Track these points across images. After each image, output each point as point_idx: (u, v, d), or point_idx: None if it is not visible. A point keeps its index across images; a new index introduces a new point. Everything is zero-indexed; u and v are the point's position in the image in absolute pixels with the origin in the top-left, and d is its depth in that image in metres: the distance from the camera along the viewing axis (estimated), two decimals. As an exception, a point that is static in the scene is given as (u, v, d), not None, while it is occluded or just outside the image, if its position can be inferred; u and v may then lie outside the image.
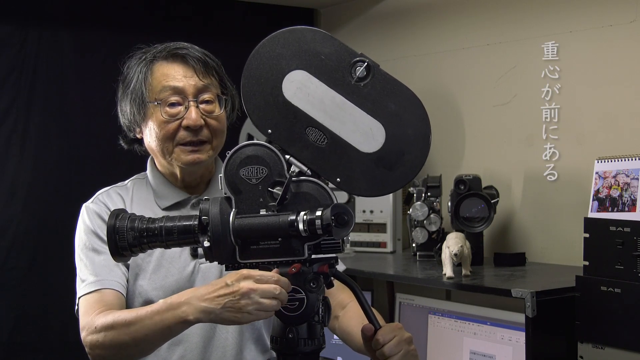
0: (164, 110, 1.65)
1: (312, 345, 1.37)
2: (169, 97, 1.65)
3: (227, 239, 1.32)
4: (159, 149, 1.69)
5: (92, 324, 1.55)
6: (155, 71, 1.68)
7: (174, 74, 1.67)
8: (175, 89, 1.65)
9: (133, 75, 1.70)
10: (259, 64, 1.36)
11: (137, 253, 1.40)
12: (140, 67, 1.70)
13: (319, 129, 1.35)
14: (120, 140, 1.81)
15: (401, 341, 1.42)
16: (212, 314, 1.36)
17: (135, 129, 1.74)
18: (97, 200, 1.76)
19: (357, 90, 1.34)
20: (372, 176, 1.35)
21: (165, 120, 1.65)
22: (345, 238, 1.35)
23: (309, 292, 1.34)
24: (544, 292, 2.02)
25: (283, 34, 1.37)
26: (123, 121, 1.75)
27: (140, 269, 1.68)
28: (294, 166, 1.35)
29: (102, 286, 1.63)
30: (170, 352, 1.68)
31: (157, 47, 1.73)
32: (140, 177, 1.82)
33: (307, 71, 1.35)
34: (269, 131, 1.36)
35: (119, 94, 1.75)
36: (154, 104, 1.66)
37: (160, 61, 1.69)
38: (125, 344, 1.49)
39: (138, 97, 1.68)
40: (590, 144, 2.44)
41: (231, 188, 1.34)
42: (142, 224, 1.37)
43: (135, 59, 1.74)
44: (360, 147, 1.35)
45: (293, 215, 1.30)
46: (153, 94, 1.67)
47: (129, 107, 1.71)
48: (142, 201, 1.75)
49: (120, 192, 1.77)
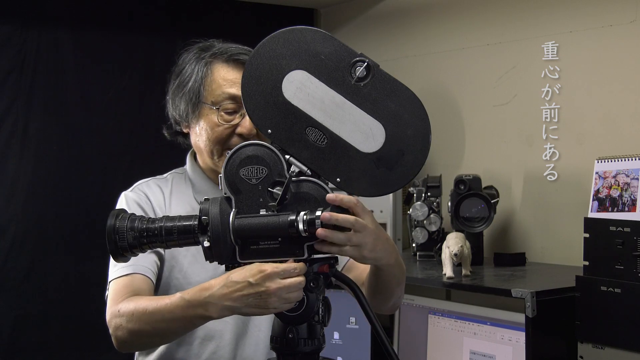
0: (220, 116, 1.65)
1: (312, 345, 1.37)
2: (227, 104, 1.65)
3: (227, 239, 1.32)
4: (207, 149, 1.69)
5: (116, 308, 1.55)
6: (214, 73, 1.67)
7: (233, 79, 1.66)
8: (235, 97, 1.65)
9: (191, 72, 1.69)
10: (259, 63, 1.36)
11: (137, 253, 1.40)
12: (199, 67, 1.68)
13: (318, 129, 1.35)
14: (164, 130, 1.79)
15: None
16: (235, 310, 1.37)
17: (183, 124, 1.73)
18: (136, 189, 1.75)
19: (357, 90, 1.34)
20: (372, 176, 1.35)
21: (219, 125, 1.65)
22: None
23: (308, 292, 1.34)
24: (544, 292, 2.03)
25: (283, 34, 1.37)
26: (172, 114, 1.74)
27: (176, 262, 1.69)
28: (294, 166, 1.35)
29: (133, 270, 1.62)
30: (202, 348, 1.68)
31: (216, 45, 1.71)
32: (179, 171, 1.81)
33: (307, 71, 1.35)
34: (269, 131, 1.36)
35: (171, 85, 1.73)
36: (209, 106, 1.66)
37: (220, 63, 1.68)
38: (147, 332, 1.50)
39: (195, 95, 1.67)
40: (590, 144, 2.44)
41: (231, 188, 1.34)
42: (141, 224, 1.37)
43: (192, 54, 1.72)
44: (360, 147, 1.35)
45: (293, 215, 1.30)
46: (210, 96, 1.66)
47: (183, 104, 1.70)
48: (181, 194, 1.75)
49: (160, 184, 1.76)
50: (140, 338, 1.52)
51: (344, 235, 1.32)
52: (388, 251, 1.44)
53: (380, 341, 1.38)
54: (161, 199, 1.73)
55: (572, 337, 1.99)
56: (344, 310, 2.64)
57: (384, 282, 1.56)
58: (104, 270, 1.70)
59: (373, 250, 1.38)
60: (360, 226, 1.34)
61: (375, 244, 1.38)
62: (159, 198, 1.72)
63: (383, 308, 1.68)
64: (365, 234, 1.35)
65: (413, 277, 2.35)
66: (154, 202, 1.71)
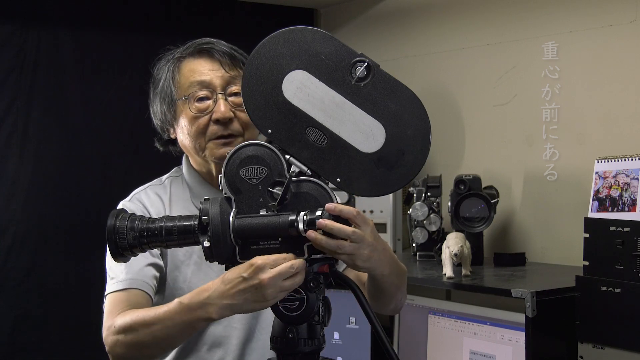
0: (193, 106, 1.64)
1: (312, 345, 1.37)
2: (196, 92, 1.65)
3: (227, 239, 1.32)
4: (192, 146, 1.68)
5: (112, 323, 1.54)
6: (182, 68, 1.68)
7: (200, 68, 1.66)
8: (203, 83, 1.64)
9: (161, 75, 1.70)
10: (259, 63, 1.36)
11: (137, 253, 1.40)
12: (168, 66, 1.69)
13: (319, 129, 1.35)
14: (156, 143, 1.79)
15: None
16: (236, 307, 1.37)
17: (169, 129, 1.73)
18: (134, 199, 1.73)
19: (357, 90, 1.34)
20: (372, 176, 1.35)
21: (195, 116, 1.65)
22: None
23: (308, 292, 1.34)
24: (544, 292, 2.03)
25: (283, 34, 1.37)
26: (156, 122, 1.75)
27: (179, 272, 1.68)
28: (294, 166, 1.35)
29: (130, 285, 1.61)
30: (210, 355, 1.68)
31: (184, 45, 1.72)
32: (175, 174, 1.80)
33: (307, 71, 1.35)
34: (269, 131, 1.36)
35: (150, 96, 1.74)
36: (182, 101, 1.65)
37: (187, 58, 1.69)
38: (146, 344, 1.48)
39: (167, 95, 1.68)
40: (590, 144, 2.44)
41: (231, 188, 1.34)
42: (142, 224, 1.37)
43: (163, 59, 1.73)
44: (360, 147, 1.35)
45: (293, 215, 1.30)
46: (181, 91, 1.66)
47: (159, 107, 1.70)
48: (180, 200, 1.74)
49: (158, 191, 1.75)
50: (140, 350, 1.50)
51: (334, 243, 1.31)
52: (383, 262, 1.43)
53: (381, 341, 1.38)
54: (160, 207, 1.71)
55: (572, 337, 1.99)
56: (344, 310, 2.64)
57: (381, 288, 1.55)
58: (103, 271, 1.69)
59: (367, 261, 1.37)
60: (358, 237, 1.33)
61: (370, 255, 1.37)
62: (158, 207, 1.71)
63: (384, 311, 1.68)
64: (361, 246, 1.34)
65: (413, 277, 2.35)
66: (153, 212, 1.70)
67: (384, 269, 1.44)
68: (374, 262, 1.39)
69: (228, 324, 1.68)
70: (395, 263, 1.53)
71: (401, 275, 1.59)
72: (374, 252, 1.37)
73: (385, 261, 1.44)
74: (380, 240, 1.42)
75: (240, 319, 1.68)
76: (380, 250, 1.40)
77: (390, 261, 1.47)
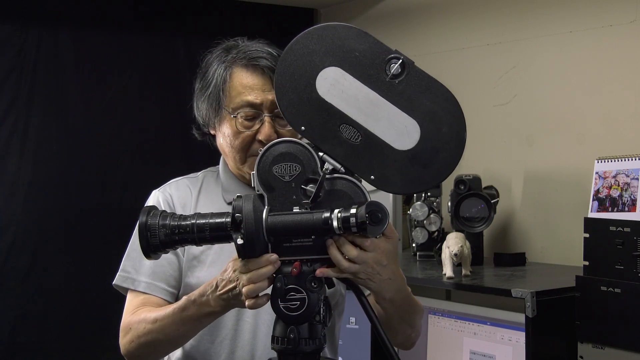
0: (239, 122, 1.65)
1: (313, 345, 1.37)
2: (245, 111, 1.65)
3: (260, 236, 1.31)
4: (231, 156, 1.69)
5: (126, 323, 1.59)
6: (234, 78, 1.66)
7: (252, 84, 1.65)
8: (254, 105, 1.64)
9: (212, 76, 1.69)
10: (292, 60, 1.35)
11: (168, 251, 1.40)
12: (220, 71, 1.68)
13: (352, 126, 1.34)
14: (194, 131, 1.79)
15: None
16: (232, 302, 1.41)
17: (210, 126, 1.73)
18: (164, 189, 1.75)
19: (391, 87, 1.33)
20: (406, 174, 1.34)
21: (239, 132, 1.65)
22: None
23: (310, 292, 1.34)
24: (544, 292, 2.03)
25: (317, 30, 1.35)
26: (198, 117, 1.74)
27: (198, 261, 1.68)
28: (328, 163, 1.34)
29: (150, 292, 1.65)
30: (221, 347, 1.69)
31: (239, 44, 1.70)
32: (212, 169, 1.81)
33: (341, 68, 1.34)
34: (302, 128, 1.35)
35: (196, 87, 1.73)
36: (229, 111, 1.66)
37: (239, 67, 1.67)
38: (157, 341, 1.53)
39: (215, 100, 1.67)
40: (590, 144, 2.44)
41: (264, 185, 1.33)
42: (173, 220, 1.37)
43: (215, 56, 1.71)
44: (394, 144, 1.33)
45: (327, 212, 1.29)
46: (230, 103, 1.66)
47: (205, 107, 1.70)
48: (210, 193, 1.74)
49: (189, 183, 1.76)
50: (152, 348, 1.55)
51: (347, 264, 1.34)
52: (387, 285, 1.43)
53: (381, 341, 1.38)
54: (188, 198, 1.72)
55: (572, 337, 1.99)
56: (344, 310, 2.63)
57: (385, 314, 1.53)
58: (103, 270, 1.70)
59: (366, 281, 1.39)
60: (360, 259, 1.35)
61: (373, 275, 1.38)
62: (184, 198, 1.72)
63: (392, 342, 1.67)
64: (365, 266, 1.36)
65: (413, 277, 2.35)
66: (177, 203, 1.71)
67: (385, 293, 1.44)
68: (372, 284, 1.40)
69: (240, 318, 1.69)
70: (403, 294, 1.52)
71: (412, 310, 1.59)
72: (375, 275, 1.38)
73: (387, 288, 1.44)
74: (392, 268, 1.42)
75: (251, 313, 1.69)
76: (388, 274, 1.41)
77: (391, 288, 1.46)
